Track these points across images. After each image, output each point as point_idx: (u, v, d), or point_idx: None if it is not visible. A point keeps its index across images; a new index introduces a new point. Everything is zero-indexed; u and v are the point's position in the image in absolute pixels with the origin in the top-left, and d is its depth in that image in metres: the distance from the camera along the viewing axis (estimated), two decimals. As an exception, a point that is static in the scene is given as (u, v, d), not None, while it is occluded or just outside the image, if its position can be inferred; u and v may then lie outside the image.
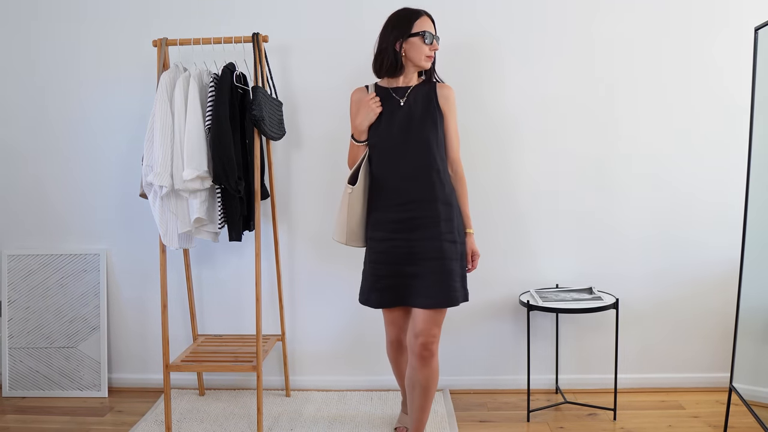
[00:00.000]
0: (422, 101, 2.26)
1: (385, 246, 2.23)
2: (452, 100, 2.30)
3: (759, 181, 2.31)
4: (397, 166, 2.22)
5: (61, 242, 3.09)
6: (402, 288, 2.21)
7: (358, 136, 2.29)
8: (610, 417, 2.72)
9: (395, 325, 2.35)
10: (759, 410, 2.29)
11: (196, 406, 2.90)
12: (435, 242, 2.17)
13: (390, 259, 2.22)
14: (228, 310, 3.06)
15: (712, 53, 2.85)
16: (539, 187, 2.93)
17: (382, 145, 2.25)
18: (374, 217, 2.27)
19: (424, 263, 2.18)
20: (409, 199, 2.20)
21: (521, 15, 2.86)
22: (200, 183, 2.50)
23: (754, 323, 2.37)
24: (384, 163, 2.24)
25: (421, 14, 2.24)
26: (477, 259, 2.30)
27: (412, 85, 2.29)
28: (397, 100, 2.26)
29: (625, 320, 2.94)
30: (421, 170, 2.20)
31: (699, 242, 2.92)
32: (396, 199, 2.21)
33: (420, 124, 2.22)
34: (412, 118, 2.23)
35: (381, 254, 2.24)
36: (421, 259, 2.18)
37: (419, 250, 2.18)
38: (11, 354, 3.07)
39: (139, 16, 2.94)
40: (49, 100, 3.02)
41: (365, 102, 2.26)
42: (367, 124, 2.26)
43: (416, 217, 2.19)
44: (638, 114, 2.89)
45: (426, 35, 2.19)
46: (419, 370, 2.22)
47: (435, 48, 2.24)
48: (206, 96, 2.54)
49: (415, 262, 2.19)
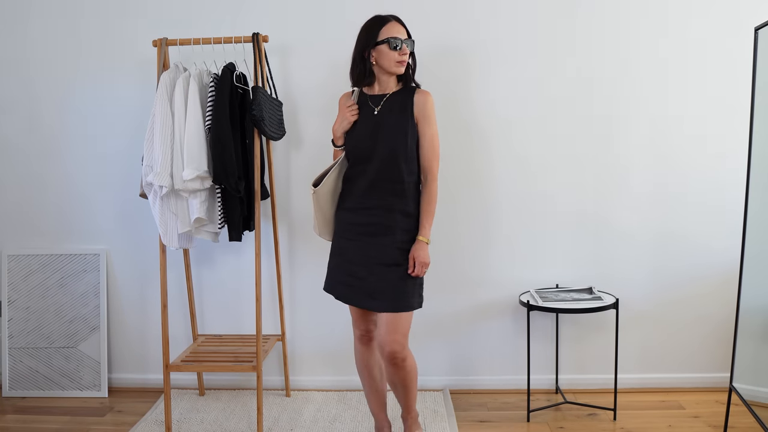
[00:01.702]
0: (397, 110, 2.25)
1: (345, 245, 2.30)
2: (429, 106, 2.25)
3: (759, 181, 2.31)
4: (364, 173, 2.25)
5: (61, 242, 3.09)
6: (356, 289, 2.26)
7: (336, 141, 2.34)
8: (610, 417, 2.72)
9: (362, 320, 2.37)
10: (759, 410, 2.29)
11: (196, 406, 2.90)
12: (390, 249, 2.22)
13: (348, 259, 2.28)
14: (228, 310, 3.06)
15: (712, 53, 2.85)
16: (539, 187, 2.93)
17: (353, 152, 2.29)
18: (339, 216, 2.34)
19: (378, 268, 2.22)
20: (372, 205, 2.24)
21: (523, 15, 2.86)
22: (200, 183, 2.50)
23: (754, 323, 2.37)
24: (353, 169, 2.29)
25: (388, 21, 2.22)
26: (422, 267, 2.22)
27: (388, 92, 2.28)
28: (371, 109, 2.27)
29: (625, 320, 2.94)
30: (385, 180, 2.22)
31: (699, 242, 2.92)
32: (360, 203, 2.26)
33: (388, 135, 2.22)
34: (382, 127, 2.23)
35: (341, 253, 2.31)
36: (376, 264, 2.23)
37: (375, 254, 2.23)
38: (11, 354, 3.07)
39: (139, 16, 2.94)
40: (48, 99, 3.02)
41: (342, 109, 2.31)
42: (341, 131, 2.30)
43: (376, 224, 2.23)
44: (638, 114, 2.88)
45: (391, 41, 2.18)
46: (395, 374, 2.29)
47: (404, 52, 2.21)
48: (206, 96, 2.54)
49: (370, 266, 2.23)
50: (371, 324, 2.37)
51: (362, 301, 2.26)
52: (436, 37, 2.84)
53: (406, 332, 2.24)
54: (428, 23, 2.82)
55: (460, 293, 2.95)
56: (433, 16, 2.86)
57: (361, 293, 2.25)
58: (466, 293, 2.97)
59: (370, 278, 2.23)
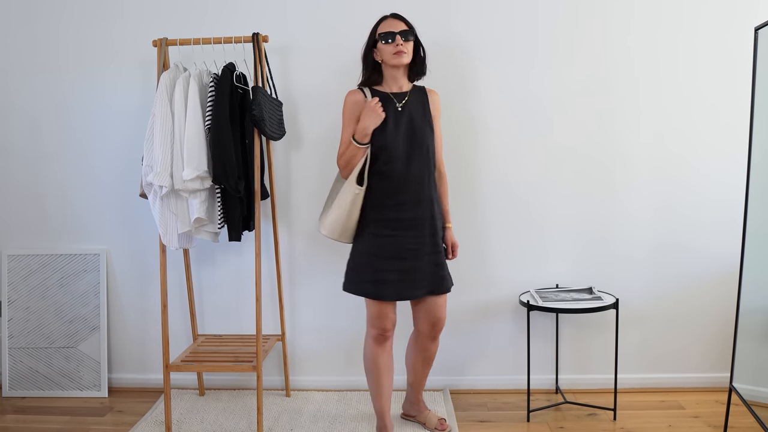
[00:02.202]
0: (419, 107, 2.39)
1: (386, 241, 2.33)
2: (439, 104, 2.47)
3: (759, 181, 2.31)
4: (401, 168, 2.32)
5: (61, 242, 3.09)
6: (401, 283, 2.33)
7: (362, 138, 2.31)
8: (610, 417, 2.72)
9: (385, 318, 2.39)
10: (759, 410, 2.29)
11: (196, 406, 2.90)
12: (427, 238, 2.36)
13: (390, 254, 2.33)
14: (228, 310, 3.06)
15: (712, 53, 2.85)
16: (539, 187, 2.93)
17: (384, 149, 2.32)
18: (375, 214, 2.35)
19: (422, 258, 2.35)
20: (409, 199, 2.33)
21: (524, 16, 2.87)
22: (200, 183, 2.50)
23: (754, 323, 2.37)
24: (389, 165, 2.32)
25: (385, 18, 2.36)
26: (457, 249, 2.52)
27: (406, 90, 2.40)
28: (394, 106, 2.35)
29: (625, 320, 2.94)
30: (420, 173, 2.34)
31: (699, 242, 2.92)
32: (397, 198, 2.33)
33: (421, 130, 2.35)
34: (414, 123, 2.35)
35: (382, 249, 2.34)
36: (420, 254, 2.34)
37: (417, 246, 2.34)
38: (11, 354, 3.07)
39: (139, 16, 2.94)
40: (48, 99, 3.02)
41: (371, 106, 2.29)
42: (373, 128, 2.30)
43: (414, 216, 2.34)
44: (639, 115, 2.88)
45: (382, 36, 2.30)
46: (430, 346, 2.51)
47: (398, 43, 2.28)
48: (206, 96, 2.54)
49: (414, 257, 2.34)
50: (393, 323, 2.42)
51: (409, 292, 2.35)
52: (436, 31, 2.83)
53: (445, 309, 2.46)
54: (427, 20, 2.81)
55: (460, 293, 2.94)
56: (429, 13, 2.85)
57: (407, 286, 2.34)
58: (466, 293, 2.97)
59: (415, 269, 2.33)
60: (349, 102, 2.38)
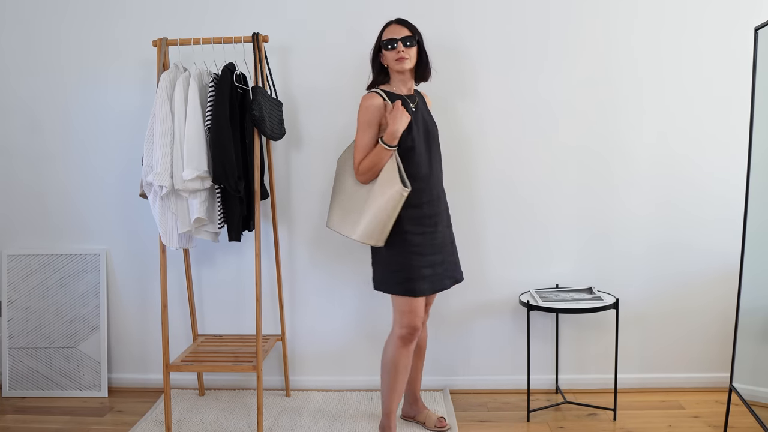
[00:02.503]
0: (425, 108, 2.49)
1: (421, 239, 2.40)
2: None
3: (759, 181, 2.31)
4: (426, 167, 2.40)
5: (61, 242, 3.09)
6: (433, 276, 2.42)
7: (392, 141, 2.29)
8: (610, 417, 2.72)
9: (418, 316, 2.39)
10: (759, 410, 2.29)
11: (196, 406, 2.90)
12: (450, 230, 2.53)
13: (427, 251, 2.40)
14: (228, 310, 3.06)
15: (715, 53, 2.85)
16: (539, 187, 2.93)
17: (415, 149, 2.36)
18: (410, 213, 2.36)
19: (447, 250, 2.48)
20: (434, 195, 2.43)
21: (525, 16, 2.87)
22: (200, 183, 2.50)
23: (754, 323, 2.37)
24: (418, 165, 2.37)
25: (389, 25, 2.40)
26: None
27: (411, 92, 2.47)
28: (410, 107, 2.41)
29: (625, 320, 2.94)
30: (438, 171, 2.47)
31: (699, 242, 2.92)
32: (426, 196, 2.40)
33: (434, 131, 2.48)
34: (428, 124, 2.45)
35: (419, 247, 2.38)
36: (446, 245, 2.48)
37: (444, 239, 2.47)
38: (11, 354, 3.07)
39: (139, 16, 2.94)
40: (48, 99, 3.02)
41: (399, 109, 2.29)
42: (403, 129, 2.30)
43: (439, 212, 2.46)
44: (639, 115, 2.88)
45: (384, 43, 2.36)
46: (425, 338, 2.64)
47: (399, 50, 2.32)
48: (206, 96, 2.54)
49: (442, 250, 2.46)
50: (422, 321, 2.45)
51: (440, 284, 2.45)
52: (435, 36, 2.83)
53: None
54: (426, 23, 2.82)
55: (460, 293, 2.94)
56: (428, 16, 2.85)
57: (438, 278, 2.44)
58: (466, 293, 2.97)
59: (443, 261, 2.45)
60: (368, 106, 2.33)
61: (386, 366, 2.44)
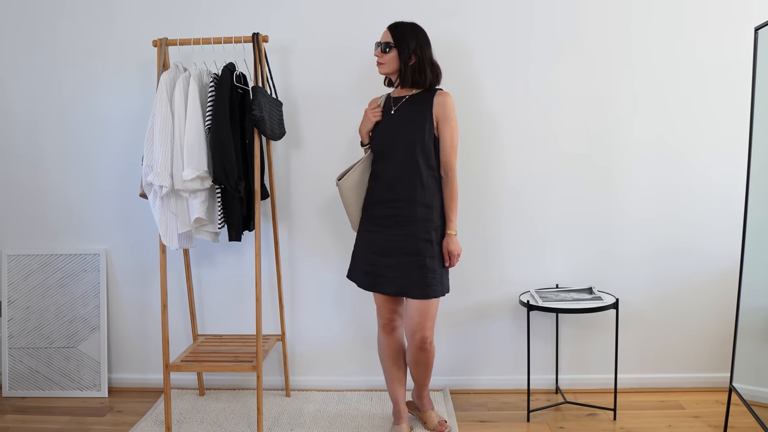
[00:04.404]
0: (415, 109, 2.40)
1: (369, 236, 2.46)
2: (449, 106, 2.38)
3: (759, 181, 2.31)
4: (386, 167, 2.42)
5: (61, 242, 3.09)
6: (376, 276, 2.42)
7: (362, 140, 2.53)
8: (610, 417, 2.72)
9: (382, 308, 2.51)
10: (759, 410, 2.29)
11: (196, 406, 2.90)
12: (411, 239, 2.37)
13: (372, 249, 2.44)
14: (228, 310, 3.06)
15: (712, 53, 2.84)
16: (539, 187, 2.93)
17: (375, 149, 2.47)
18: (365, 209, 2.50)
19: (399, 257, 2.38)
20: (393, 198, 2.39)
21: (528, 16, 2.87)
22: (200, 183, 2.50)
23: (754, 323, 2.37)
24: (376, 165, 2.47)
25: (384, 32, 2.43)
26: (455, 258, 2.41)
27: (405, 94, 2.44)
28: (390, 109, 2.44)
29: (625, 320, 2.94)
30: (404, 173, 2.37)
31: (699, 242, 2.92)
32: (383, 196, 2.42)
33: (406, 131, 2.37)
34: (401, 125, 2.39)
35: (366, 243, 2.47)
36: (398, 254, 2.38)
37: (397, 245, 2.38)
38: (11, 354, 3.07)
39: (139, 16, 2.94)
40: (48, 99, 3.02)
41: (366, 110, 2.48)
42: (364, 130, 2.49)
43: (398, 215, 2.39)
44: (639, 115, 2.89)
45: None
46: (420, 356, 2.47)
47: (376, 55, 2.40)
48: (206, 96, 2.54)
49: (391, 255, 2.39)
50: (394, 313, 2.51)
51: (384, 287, 2.41)
52: (445, 33, 2.83)
53: (433, 319, 2.42)
54: (429, 21, 2.81)
55: (461, 293, 2.95)
56: (433, 14, 2.85)
57: (384, 281, 2.40)
58: (466, 293, 2.97)
59: (393, 267, 2.38)
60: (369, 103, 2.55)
61: (378, 354, 2.59)
